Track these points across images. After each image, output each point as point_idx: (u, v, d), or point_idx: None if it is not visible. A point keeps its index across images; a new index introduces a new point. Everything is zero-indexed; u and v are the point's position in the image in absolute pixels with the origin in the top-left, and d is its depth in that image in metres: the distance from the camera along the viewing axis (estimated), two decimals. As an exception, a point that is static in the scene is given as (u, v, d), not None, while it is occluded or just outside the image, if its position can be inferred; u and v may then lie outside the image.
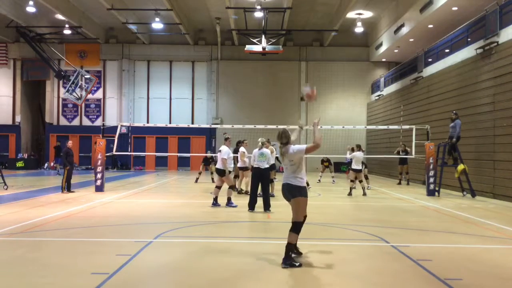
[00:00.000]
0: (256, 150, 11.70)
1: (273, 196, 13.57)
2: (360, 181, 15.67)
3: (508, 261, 6.63)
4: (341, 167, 28.94)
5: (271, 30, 25.16)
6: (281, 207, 12.19)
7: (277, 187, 17.17)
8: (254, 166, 11.49)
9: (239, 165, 14.70)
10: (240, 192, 15.17)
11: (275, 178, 15.08)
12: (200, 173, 20.57)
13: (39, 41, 25.20)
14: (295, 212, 6.20)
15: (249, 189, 14.66)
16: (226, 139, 12.50)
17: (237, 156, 14.71)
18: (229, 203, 11.92)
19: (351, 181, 15.52)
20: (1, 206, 11.93)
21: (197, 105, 32.25)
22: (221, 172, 11.92)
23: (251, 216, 10.73)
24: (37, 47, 24.77)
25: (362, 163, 16.11)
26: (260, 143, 11.80)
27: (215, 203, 11.89)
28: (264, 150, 11.65)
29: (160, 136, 30.91)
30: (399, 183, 20.63)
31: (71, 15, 26.22)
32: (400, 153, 20.24)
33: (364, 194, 15.43)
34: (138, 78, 32.21)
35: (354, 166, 15.49)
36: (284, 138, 6.39)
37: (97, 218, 10.14)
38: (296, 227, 6.14)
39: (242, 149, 14.42)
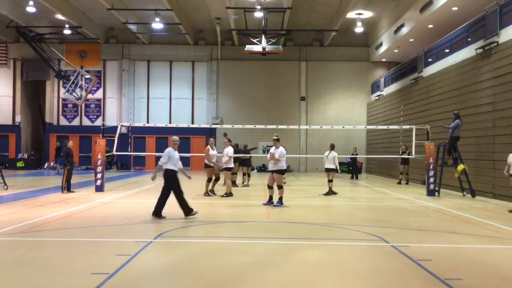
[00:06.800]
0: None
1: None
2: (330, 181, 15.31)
3: (508, 261, 6.63)
4: (340, 167, 28.89)
5: (271, 30, 25.12)
6: (281, 208, 12.17)
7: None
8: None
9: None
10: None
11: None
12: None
13: (39, 41, 25.12)
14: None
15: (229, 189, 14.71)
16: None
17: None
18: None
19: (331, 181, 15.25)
20: (1, 206, 11.93)
21: (197, 105, 32.24)
22: None
23: (251, 216, 10.74)
24: (37, 47, 24.71)
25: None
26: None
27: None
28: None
29: (160, 136, 30.87)
30: (399, 183, 20.63)
31: (71, 15, 26.21)
32: (401, 153, 20.26)
33: (334, 193, 15.20)
34: (138, 78, 32.20)
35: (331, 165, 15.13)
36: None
37: (97, 218, 10.14)
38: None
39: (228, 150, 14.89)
